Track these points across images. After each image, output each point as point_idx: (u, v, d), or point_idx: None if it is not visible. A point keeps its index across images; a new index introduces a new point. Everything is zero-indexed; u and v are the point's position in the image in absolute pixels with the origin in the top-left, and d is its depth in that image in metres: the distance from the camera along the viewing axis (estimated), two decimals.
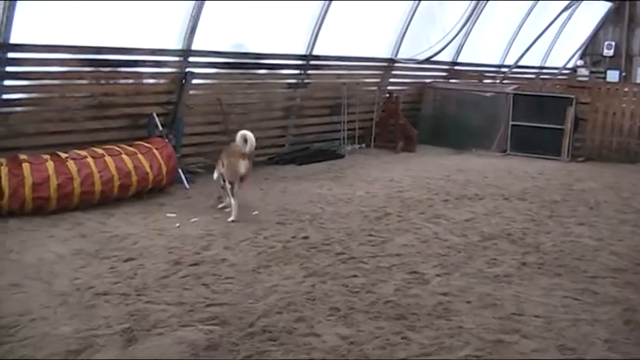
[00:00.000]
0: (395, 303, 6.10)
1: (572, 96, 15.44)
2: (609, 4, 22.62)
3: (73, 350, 4.93)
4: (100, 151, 9.34)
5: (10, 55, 8.93)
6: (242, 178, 8.92)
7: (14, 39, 8.78)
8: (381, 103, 15.89)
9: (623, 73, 22.64)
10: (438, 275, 6.93)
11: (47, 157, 8.80)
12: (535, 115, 15.54)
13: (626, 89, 15.97)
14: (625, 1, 22.69)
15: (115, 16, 9.74)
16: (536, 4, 18.97)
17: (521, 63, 19.72)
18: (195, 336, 5.25)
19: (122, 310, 5.71)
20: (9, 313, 5.52)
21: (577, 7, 20.13)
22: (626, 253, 7.99)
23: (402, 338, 5.38)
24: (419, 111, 17.11)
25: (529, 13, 19.20)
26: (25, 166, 8.49)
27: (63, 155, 8.91)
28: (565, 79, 21.76)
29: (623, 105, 15.50)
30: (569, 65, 23.72)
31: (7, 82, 9.16)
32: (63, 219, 8.48)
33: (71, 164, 8.82)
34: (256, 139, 9.78)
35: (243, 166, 8.82)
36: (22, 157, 8.64)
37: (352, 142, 15.09)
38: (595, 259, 7.72)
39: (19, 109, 9.52)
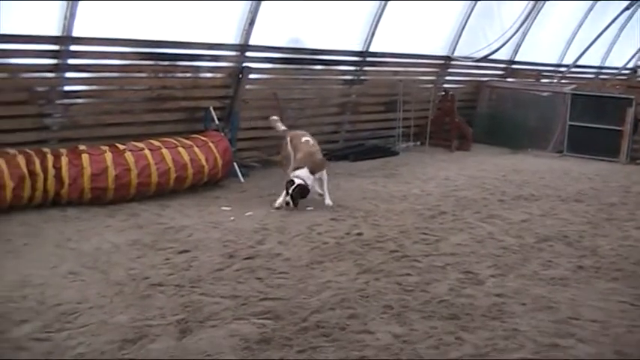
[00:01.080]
0: (449, 303, 6.06)
1: (632, 97, 15.10)
2: None
3: (128, 339, 5.00)
4: (156, 143, 9.45)
5: (72, 47, 9.10)
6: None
7: (76, 32, 8.95)
8: (436, 100, 15.76)
9: None
10: (492, 276, 6.85)
11: (106, 148, 8.95)
12: (593, 115, 15.22)
13: None
14: None
15: (174, 10, 9.85)
16: (596, 3, 18.62)
17: (580, 62, 19.38)
18: (248, 329, 5.28)
19: (176, 302, 5.78)
20: (67, 300, 5.64)
21: (639, 7, 19.70)
22: None
23: (456, 338, 5.33)
24: (474, 109, 16.93)
25: (589, 12, 18.82)
26: (85, 156, 8.65)
27: (121, 147, 9.04)
28: (625, 79, 21.30)
29: None
30: (630, 65, 23.22)
31: (68, 74, 9.33)
32: (120, 209, 8.62)
33: (129, 156, 8.95)
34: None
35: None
36: (82, 147, 8.81)
37: (407, 140, 14.98)
38: None
39: (79, 100, 9.71)
